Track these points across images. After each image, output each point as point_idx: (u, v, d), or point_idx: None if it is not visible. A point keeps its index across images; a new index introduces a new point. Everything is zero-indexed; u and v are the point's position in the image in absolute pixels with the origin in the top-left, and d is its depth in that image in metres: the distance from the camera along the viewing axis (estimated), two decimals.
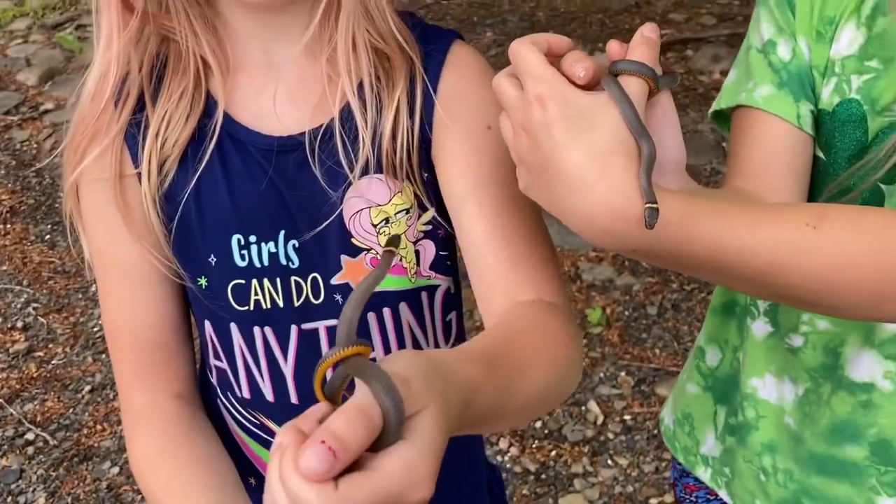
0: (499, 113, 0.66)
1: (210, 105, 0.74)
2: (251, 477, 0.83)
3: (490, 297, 0.70)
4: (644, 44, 0.61)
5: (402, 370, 0.45)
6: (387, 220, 0.74)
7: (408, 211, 0.74)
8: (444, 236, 0.77)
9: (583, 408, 2.12)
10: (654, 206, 0.55)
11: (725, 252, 0.60)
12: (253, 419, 0.81)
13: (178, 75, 0.74)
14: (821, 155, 0.80)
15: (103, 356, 2.45)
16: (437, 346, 0.81)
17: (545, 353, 0.63)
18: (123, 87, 0.74)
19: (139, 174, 0.74)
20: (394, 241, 0.60)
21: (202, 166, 0.73)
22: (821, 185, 0.82)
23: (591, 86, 0.60)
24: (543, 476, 1.94)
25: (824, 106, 0.79)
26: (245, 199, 0.74)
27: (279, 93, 0.75)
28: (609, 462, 1.96)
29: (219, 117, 0.73)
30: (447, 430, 0.46)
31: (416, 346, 0.79)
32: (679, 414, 1.02)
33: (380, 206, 0.74)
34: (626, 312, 2.41)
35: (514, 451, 2.01)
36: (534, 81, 0.59)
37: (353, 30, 0.71)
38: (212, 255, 0.75)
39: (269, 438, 0.81)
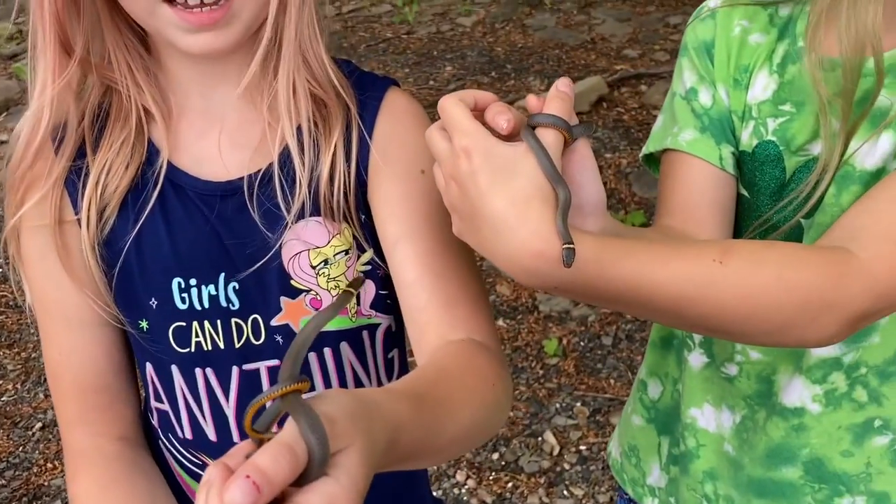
0: (433, 158, 0.68)
1: (151, 152, 0.75)
2: None
3: (422, 336, 0.71)
4: (559, 98, 0.64)
5: (329, 409, 0.47)
6: (326, 261, 0.75)
7: (347, 252, 0.76)
8: (383, 276, 0.79)
9: (539, 438, 2.13)
10: (571, 246, 0.59)
11: (639, 287, 0.64)
12: (195, 459, 0.81)
13: (120, 123, 0.75)
14: (744, 193, 0.85)
15: None
16: (379, 383, 0.82)
17: (473, 392, 0.65)
18: (64, 132, 0.75)
19: (79, 220, 0.75)
20: (356, 282, 0.61)
21: (144, 213, 0.74)
22: (746, 220, 0.86)
23: (512, 136, 0.63)
24: None
25: (744, 147, 0.84)
26: (185, 243, 0.75)
27: (219, 140, 0.76)
28: (565, 493, 1.97)
29: (162, 165, 0.74)
30: (371, 468, 0.48)
31: (358, 384, 0.81)
32: (625, 446, 1.05)
33: (318, 248, 0.75)
34: (582, 343, 2.45)
35: (471, 483, 2.01)
36: (460, 135, 0.62)
37: (292, 77, 0.72)
38: (153, 299, 0.76)
39: (198, 471, 0.82)
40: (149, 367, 0.79)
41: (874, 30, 0.70)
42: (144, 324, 0.77)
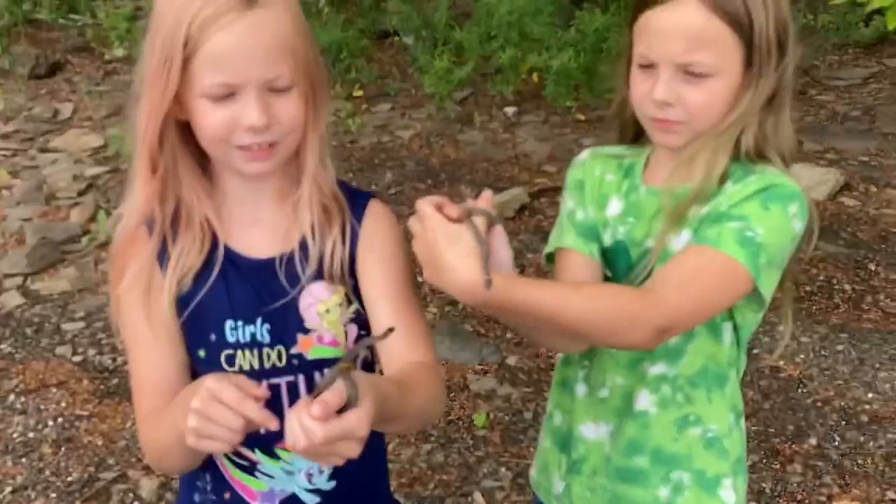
0: (400, 245, 1.12)
1: (215, 241, 1.11)
2: (226, 492, 1.15)
3: (391, 360, 1.09)
4: (485, 199, 1.05)
5: (357, 378, 0.85)
6: (328, 310, 1.12)
7: (341, 304, 1.12)
8: (364, 321, 1.14)
9: (469, 498, 2.45)
10: (489, 279, 0.98)
11: (530, 304, 1.03)
12: (240, 453, 1.13)
13: (189, 224, 1.09)
14: (608, 273, 1.27)
15: (23, 459, 2.62)
16: None
17: (424, 387, 1.04)
18: (154, 223, 1.09)
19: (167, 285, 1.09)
20: (389, 331, 0.96)
21: (211, 279, 1.09)
22: None
23: (459, 220, 1.02)
24: None
25: (606, 245, 1.26)
26: (236, 297, 1.10)
27: (260, 230, 1.13)
28: None
29: (221, 252, 1.10)
30: (376, 411, 0.85)
31: None
32: (540, 464, 1.41)
33: (323, 301, 1.12)
34: (507, 417, 2.80)
35: None
36: (428, 220, 1.01)
37: (309, 192, 1.10)
38: (212, 334, 1.10)
39: (241, 462, 1.13)
40: None
41: (707, 174, 1.14)
42: (202, 352, 1.10)
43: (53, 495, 2.47)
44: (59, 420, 2.78)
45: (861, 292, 3.36)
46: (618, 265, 1.26)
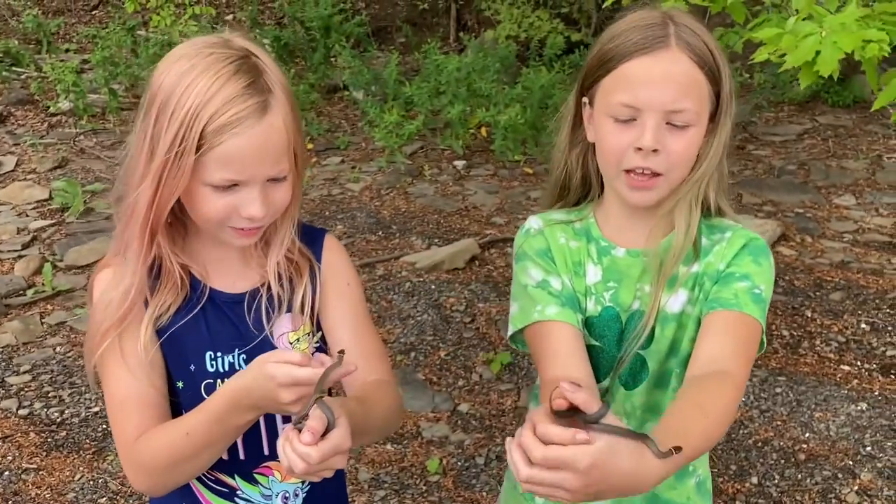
0: (354, 275, 1.18)
1: (194, 282, 1.16)
2: None
3: (352, 379, 1.15)
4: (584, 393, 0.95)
5: (331, 403, 0.90)
6: (298, 339, 1.17)
7: (308, 334, 1.18)
8: (327, 349, 1.20)
9: None
10: (663, 452, 0.91)
11: (689, 457, 0.96)
12: (209, 475, 1.17)
13: (169, 279, 1.14)
14: (597, 343, 1.22)
15: None
16: None
17: (383, 403, 1.12)
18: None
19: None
20: (341, 353, 1.02)
21: (190, 316, 1.14)
22: (602, 362, 1.23)
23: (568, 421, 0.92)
24: None
25: (591, 313, 1.22)
26: (215, 330, 1.15)
27: (233, 268, 1.18)
28: None
29: (205, 291, 1.15)
30: (350, 428, 0.91)
31: None
32: None
33: (293, 331, 1.17)
34: (459, 463, 2.84)
35: None
36: (559, 457, 0.87)
37: (278, 253, 1.16)
38: (192, 365, 1.15)
39: (220, 489, 1.17)
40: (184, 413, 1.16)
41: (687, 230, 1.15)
42: (181, 383, 1.15)
43: None
44: (6, 474, 2.73)
45: (798, 337, 3.50)
46: (608, 333, 1.22)
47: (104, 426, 2.92)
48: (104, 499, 2.62)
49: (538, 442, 0.84)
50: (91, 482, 2.69)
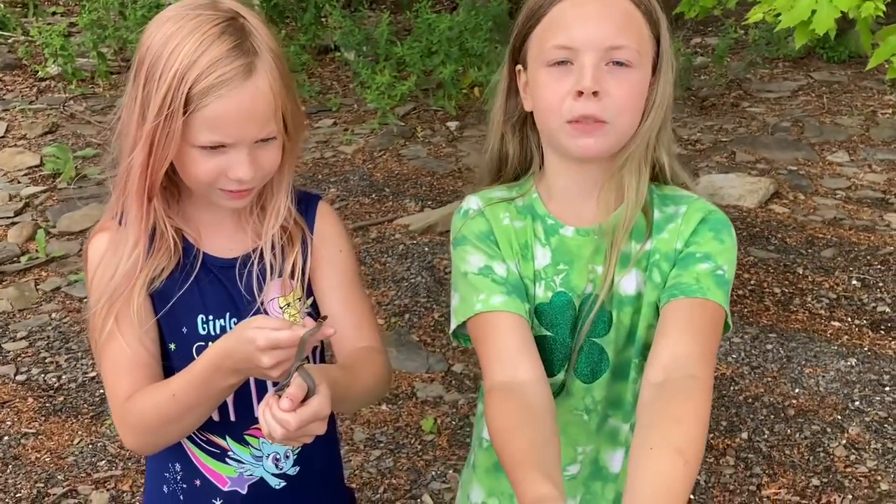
0: (346, 242, 1.16)
1: (187, 246, 1.16)
2: (196, 479, 1.20)
3: (341, 345, 1.18)
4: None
5: (312, 370, 0.92)
6: (288, 304, 1.18)
7: (299, 299, 1.19)
8: (317, 315, 1.21)
9: (418, 500, 2.52)
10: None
11: None
12: (200, 435, 1.19)
13: (163, 243, 1.14)
14: (548, 333, 1.12)
15: None
16: None
17: (369, 370, 1.14)
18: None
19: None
20: (323, 318, 1.02)
21: (182, 279, 1.15)
22: (554, 354, 1.13)
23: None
24: None
25: (542, 300, 1.11)
26: (207, 294, 1.16)
27: (226, 233, 1.19)
28: None
29: (198, 256, 1.16)
30: (330, 395, 0.93)
31: None
32: None
33: (283, 296, 1.18)
34: (453, 422, 2.87)
35: None
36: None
37: (275, 223, 1.16)
38: (184, 328, 1.16)
39: (212, 449, 1.19)
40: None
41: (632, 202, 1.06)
42: (173, 346, 1.16)
43: None
44: (6, 438, 2.76)
45: (789, 294, 3.53)
46: (560, 321, 1.12)
47: (101, 391, 2.95)
48: (103, 462, 2.65)
49: None
50: (90, 446, 2.72)
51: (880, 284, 3.55)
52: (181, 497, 1.21)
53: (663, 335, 1.03)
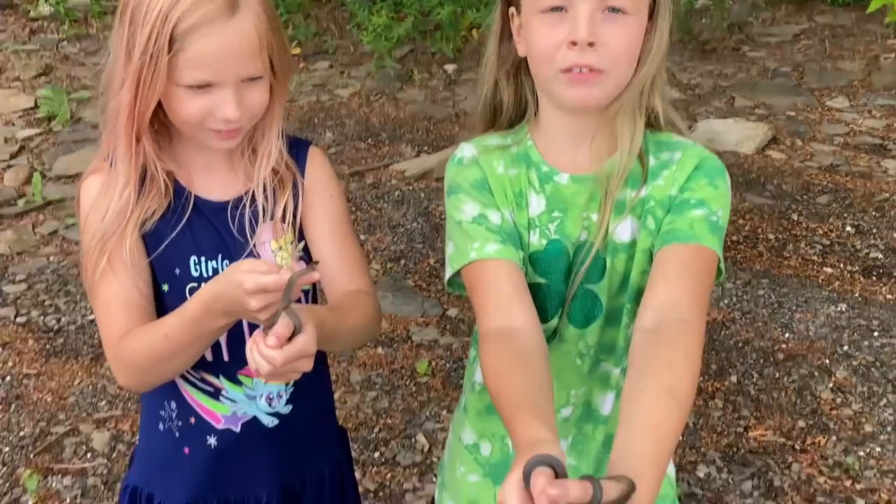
0: (337, 186, 1.17)
1: (177, 189, 1.17)
2: (191, 417, 1.23)
3: (332, 288, 1.20)
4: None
5: (298, 310, 0.94)
6: (280, 247, 1.20)
7: (291, 243, 1.21)
8: (309, 259, 1.23)
9: (413, 439, 2.57)
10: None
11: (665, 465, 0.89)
12: (195, 374, 1.21)
13: (153, 185, 1.15)
14: (542, 281, 1.12)
15: None
16: None
17: (358, 311, 1.16)
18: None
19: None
20: (314, 263, 1.04)
21: (175, 220, 1.16)
22: (548, 301, 1.13)
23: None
24: (381, 493, 2.37)
25: (536, 248, 1.11)
26: (199, 235, 1.18)
27: (218, 175, 1.20)
28: (433, 479, 2.41)
29: (190, 198, 1.17)
30: (316, 334, 0.96)
31: None
32: (464, 501, 1.28)
33: (275, 240, 1.20)
34: (448, 365, 2.92)
35: (356, 475, 2.41)
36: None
37: (267, 165, 1.17)
38: (177, 269, 1.18)
39: (206, 388, 1.22)
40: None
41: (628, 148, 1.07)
42: (166, 286, 1.18)
43: (6, 449, 2.50)
44: (7, 379, 2.81)
45: (783, 240, 3.55)
46: (554, 268, 1.13)
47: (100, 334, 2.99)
48: (103, 402, 2.71)
49: None
50: (90, 387, 2.77)
51: (874, 231, 3.57)
52: (176, 434, 1.24)
53: (656, 281, 1.04)
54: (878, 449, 2.49)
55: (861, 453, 2.47)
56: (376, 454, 2.51)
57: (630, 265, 1.12)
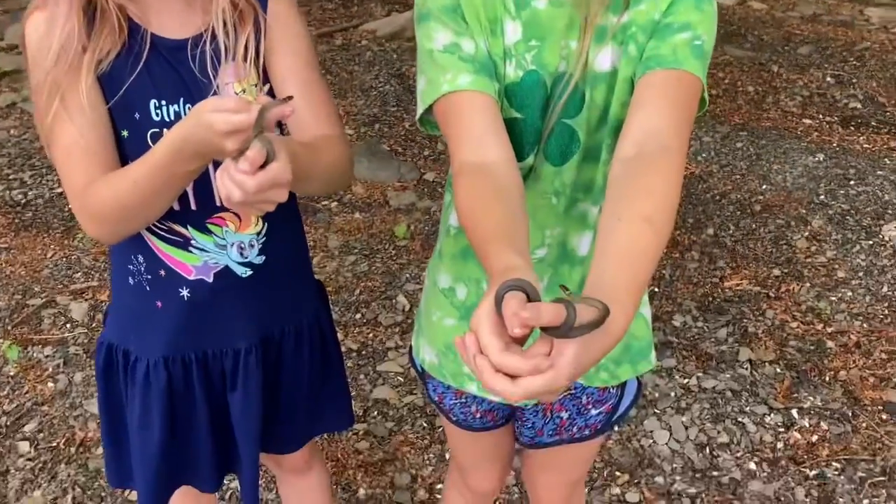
0: (303, 26, 1.11)
1: (132, 27, 1.10)
2: (161, 270, 1.21)
3: (301, 132, 1.15)
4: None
5: (273, 138, 0.89)
6: (244, 90, 1.14)
7: (255, 85, 1.15)
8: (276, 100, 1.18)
9: (393, 300, 2.59)
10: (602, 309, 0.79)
11: (642, 291, 0.89)
12: (162, 225, 1.18)
13: (106, 22, 1.07)
14: (518, 115, 1.07)
15: None
16: None
17: (332, 153, 1.12)
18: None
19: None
20: (288, 98, 0.98)
21: (131, 61, 1.09)
22: (524, 136, 1.09)
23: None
24: (364, 352, 2.40)
25: (512, 80, 1.05)
26: (158, 77, 1.11)
27: (174, 13, 1.12)
28: None
29: (146, 37, 1.10)
30: (289, 162, 0.91)
31: None
32: (441, 346, 1.24)
33: (238, 82, 1.14)
34: (426, 228, 2.90)
35: (339, 335, 2.44)
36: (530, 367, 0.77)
37: None
38: (136, 114, 1.12)
39: (175, 238, 1.19)
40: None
41: None
42: (126, 132, 1.12)
43: None
44: None
45: (763, 93, 3.50)
46: (531, 101, 1.08)
47: (70, 207, 2.93)
48: (79, 273, 2.68)
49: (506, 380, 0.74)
50: (64, 259, 2.74)
51: (854, 81, 3.52)
52: (147, 288, 1.22)
53: (637, 109, 1.00)
54: (850, 293, 2.53)
55: (833, 298, 2.52)
56: (357, 315, 2.53)
57: (610, 97, 1.07)
